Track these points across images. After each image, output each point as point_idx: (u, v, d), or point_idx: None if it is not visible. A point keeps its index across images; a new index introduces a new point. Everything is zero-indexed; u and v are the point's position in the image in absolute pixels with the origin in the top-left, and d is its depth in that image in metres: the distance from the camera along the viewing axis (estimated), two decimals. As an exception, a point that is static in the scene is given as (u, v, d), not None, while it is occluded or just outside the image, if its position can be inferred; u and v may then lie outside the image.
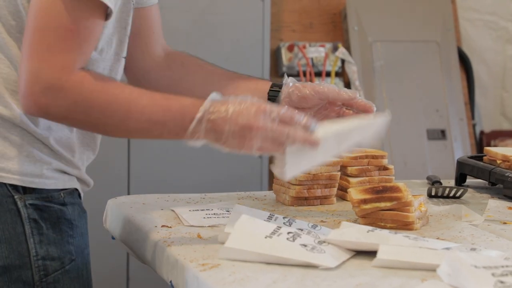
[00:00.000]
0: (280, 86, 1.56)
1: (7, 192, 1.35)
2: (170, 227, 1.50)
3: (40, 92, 1.25)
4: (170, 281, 1.35)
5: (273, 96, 1.56)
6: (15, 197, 1.35)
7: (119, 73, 1.49)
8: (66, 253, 1.39)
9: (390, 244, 1.28)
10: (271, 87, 1.58)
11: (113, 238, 1.70)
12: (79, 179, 1.45)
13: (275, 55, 3.79)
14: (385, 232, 1.34)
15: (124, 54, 1.47)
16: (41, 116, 1.31)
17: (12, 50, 1.36)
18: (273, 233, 1.30)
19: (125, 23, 1.43)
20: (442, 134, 3.92)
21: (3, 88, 1.35)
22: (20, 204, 1.35)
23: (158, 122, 1.29)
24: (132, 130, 1.32)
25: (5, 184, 1.34)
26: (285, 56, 3.76)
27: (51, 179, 1.38)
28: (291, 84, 1.55)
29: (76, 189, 1.44)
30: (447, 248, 1.32)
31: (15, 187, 1.35)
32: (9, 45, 1.36)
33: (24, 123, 1.35)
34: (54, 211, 1.38)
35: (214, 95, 1.31)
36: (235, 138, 1.28)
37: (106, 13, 1.32)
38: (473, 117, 4.08)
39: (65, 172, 1.41)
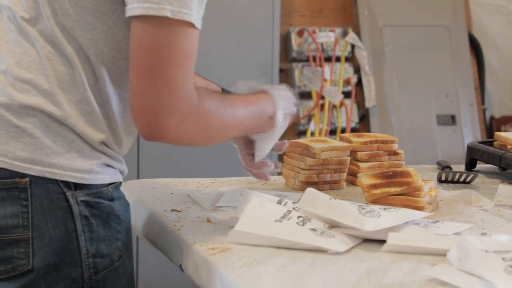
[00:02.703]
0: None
1: (59, 189, 1.31)
2: (180, 211, 1.50)
3: (171, 123, 1.26)
4: (180, 265, 1.35)
5: None
6: (67, 193, 1.32)
7: None
8: (115, 249, 1.37)
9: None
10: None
11: (123, 222, 1.70)
12: (121, 172, 1.44)
13: (285, 40, 3.78)
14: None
15: None
16: (164, 141, 1.31)
17: (67, 49, 1.32)
18: (283, 217, 1.31)
19: None
20: (452, 119, 3.91)
21: (56, 87, 1.32)
22: (72, 201, 1.32)
23: (247, 128, 1.46)
24: (229, 137, 1.45)
25: (56, 180, 1.31)
26: (294, 41, 3.75)
27: (100, 174, 1.36)
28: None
29: (121, 182, 1.43)
30: (458, 233, 1.32)
31: (66, 183, 1.32)
32: (66, 43, 1.32)
33: (73, 125, 1.33)
34: (104, 207, 1.35)
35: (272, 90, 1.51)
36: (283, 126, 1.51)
37: None
38: (483, 103, 4.07)
39: (110, 166, 1.39)
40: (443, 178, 1.84)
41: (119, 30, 1.33)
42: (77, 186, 1.33)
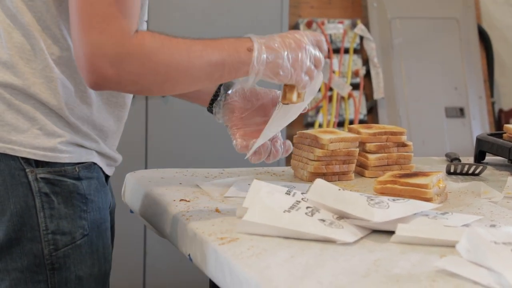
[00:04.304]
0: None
1: (20, 165, 1.34)
2: (189, 201, 1.50)
3: (107, 64, 1.24)
4: (189, 255, 1.35)
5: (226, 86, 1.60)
6: (27, 170, 1.34)
7: None
8: (78, 228, 1.38)
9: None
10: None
11: (131, 211, 1.70)
12: (100, 153, 1.44)
13: (294, 32, 3.77)
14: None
15: (146, 17, 1.46)
16: (113, 88, 1.29)
17: (25, 18, 1.34)
18: (292, 207, 1.30)
19: None
20: (461, 112, 3.90)
21: (17, 58, 1.34)
22: (31, 177, 1.34)
23: (218, 63, 1.33)
24: (198, 76, 1.33)
25: (17, 157, 1.34)
26: (303, 32, 3.74)
27: (64, 153, 1.37)
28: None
29: (95, 163, 1.42)
30: (466, 225, 1.32)
31: (27, 160, 1.35)
32: (22, 12, 1.34)
33: (37, 93, 1.35)
34: (67, 185, 1.37)
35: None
36: (290, 60, 1.38)
37: None
38: (492, 95, 4.06)
39: (81, 146, 1.40)
40: (452, 170, 1.83)
41: None
42: (38, 163, 1.35)
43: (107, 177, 1.50)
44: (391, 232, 1.27)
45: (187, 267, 1.89)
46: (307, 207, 1.31)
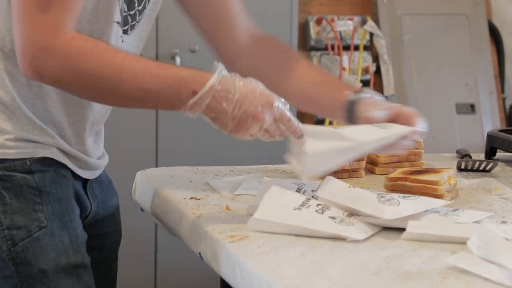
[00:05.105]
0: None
1: None
2: (199, 199, 1.50)
3: (32, 55, 1.25)
4: (199, 253, 1.35)
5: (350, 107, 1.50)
6: None
7: (112, 40, 1.42)
8: (33, 220, 1.36)
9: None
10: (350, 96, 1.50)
11: (142, 209, 1.71)
12: (62, 151, 1.42)
13: (303, 29, 3.77)
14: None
15: (116, 18, 1.41)
16: (37, 79, 1.29)
17: None
18: (302, 205, 1.30)
19: None
20: (472, 108, 3.89)
21: None
22: None
23: (151, 92, 1.27)
24: (127, 97, 1.29)
25: None
26: (313, 29, 3.74)
27: (13, 149, 1.37)
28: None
29: (52, 158, 1.40)
30: (477, 222, 1.32)
31: None
32: None
33: None
34: (17, 179, 1.36)
35: (221, 68, 1.29)
36: (234, 121, 1.30)
37: None
38: (503, 91, 4.04)
39: (36, 141, 1.39)
40: (462, 167, 1.83)
41: None
42: None
43: (86, 181, 1.49)
44: (402, 229, 1.27)
45: (198, 265, 1.89)
46: (317, 205, 1.31)
